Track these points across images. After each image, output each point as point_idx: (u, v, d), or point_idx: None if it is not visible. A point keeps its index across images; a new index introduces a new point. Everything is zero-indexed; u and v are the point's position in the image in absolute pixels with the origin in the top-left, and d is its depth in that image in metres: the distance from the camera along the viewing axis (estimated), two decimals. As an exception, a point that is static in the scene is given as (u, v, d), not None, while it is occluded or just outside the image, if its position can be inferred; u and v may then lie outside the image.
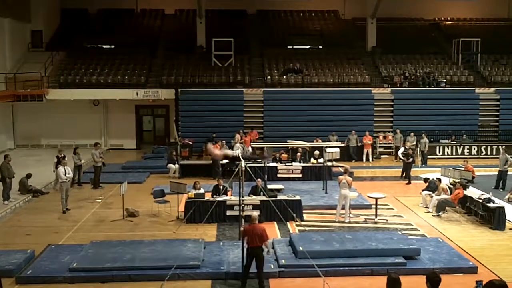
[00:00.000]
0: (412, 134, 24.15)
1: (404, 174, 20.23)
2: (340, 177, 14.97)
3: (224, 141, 22.51)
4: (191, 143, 24.68)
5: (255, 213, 10.73)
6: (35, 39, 30.37)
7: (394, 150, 24.83)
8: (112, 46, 31.06)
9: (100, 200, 17.26)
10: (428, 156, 23.50)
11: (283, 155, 21.66)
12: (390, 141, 25.53)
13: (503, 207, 14.13)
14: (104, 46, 31.20)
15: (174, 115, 26.92)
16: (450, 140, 25.52)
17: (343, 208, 14.79)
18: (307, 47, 31.62)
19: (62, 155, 17.90)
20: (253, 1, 33.10)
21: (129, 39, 30.85)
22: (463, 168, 19.01)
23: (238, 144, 21.75)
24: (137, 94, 26.82)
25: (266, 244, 10.18)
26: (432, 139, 24.90)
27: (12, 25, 28.16)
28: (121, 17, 33.07)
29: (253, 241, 10.08)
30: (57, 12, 32.92)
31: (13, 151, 26.08)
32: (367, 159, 24.39)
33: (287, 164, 20.55)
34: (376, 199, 14.85)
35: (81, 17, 32.75)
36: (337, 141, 23.29)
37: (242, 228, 10.94)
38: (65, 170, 16.05)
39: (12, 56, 28.37)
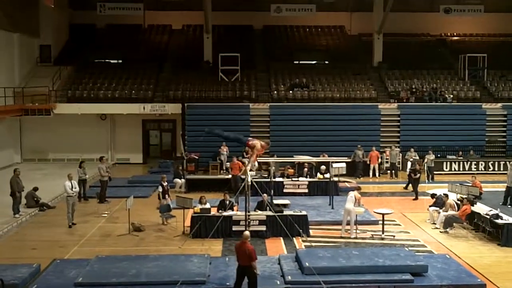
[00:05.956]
0: (412, 149, 24.07)
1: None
2: (350, 191, 14.96)
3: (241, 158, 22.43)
4: (197, 157, 24.69)
5: (247, 232, 10.50)
6: (43, 54, 30.71)
7: (390, 166, 24.41)
8: (120, 61, 31.35)
9: (106, 215, 17.25)
10: (435, 172, 23.35)
11: (289, 170, 21.62)
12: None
13: (511, 224, 14.01)
14: (112, 61, 31.51)
15: (180, 130, 26.99)
16: (457, 156, 25.35)
17: (348, 223, 14.72)
18: (314, 62, 31.75)
19: (166, 183, 17.39)
20: (259, 17, 33.34)
21: (136, 54, 31.17)
22: (470, 184, 18.85)
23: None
24: (144, 108, 26.99)
25: (254, 265, 10.01)
26: (439, 155, 24.74)
27: (21, 40, 28.46)
28: (129, 32, 33.35)
29: (242, 259, 9.98)
30: (66, 27, 33.27)
31: (20, 165, 26.13)
32: (374, 175, 24.30)
33: (293, 179, 20.53)
34: (383, 214, 14.78)
35: (89, 32, 33.09)
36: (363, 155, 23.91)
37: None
38: (71, 185, 16.09)
39: (20, 70, 28.60)
